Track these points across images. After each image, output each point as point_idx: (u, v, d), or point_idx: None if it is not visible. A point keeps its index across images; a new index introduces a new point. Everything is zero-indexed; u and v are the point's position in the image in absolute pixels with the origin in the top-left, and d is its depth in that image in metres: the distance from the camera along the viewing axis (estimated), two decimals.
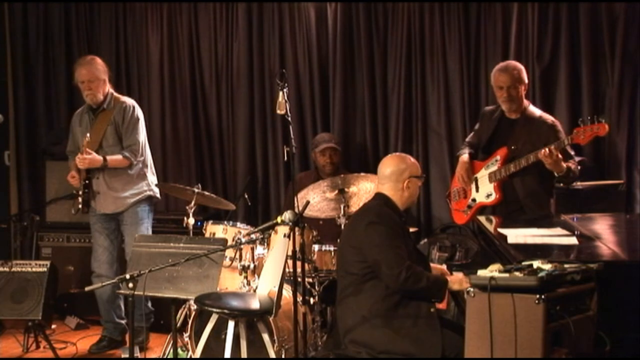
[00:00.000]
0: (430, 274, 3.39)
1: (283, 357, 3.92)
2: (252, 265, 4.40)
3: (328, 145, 5.30)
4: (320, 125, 5.78)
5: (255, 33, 5.91)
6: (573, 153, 4.32)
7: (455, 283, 3.33)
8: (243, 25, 5.92)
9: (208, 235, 4.58)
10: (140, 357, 4.65)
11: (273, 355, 3.86)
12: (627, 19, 4.97)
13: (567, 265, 2.76)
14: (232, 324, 3.83)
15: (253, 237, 4.15)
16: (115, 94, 4.97)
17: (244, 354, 3.85)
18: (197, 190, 4.60)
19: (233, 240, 4.37)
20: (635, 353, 2.86)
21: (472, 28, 5.40)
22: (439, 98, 5.48)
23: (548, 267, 2.72)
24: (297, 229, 3.52)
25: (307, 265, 4.06)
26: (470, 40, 5.40)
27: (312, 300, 4.26)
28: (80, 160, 4.73)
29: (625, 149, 5.01)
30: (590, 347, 2.76)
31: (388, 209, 3.44)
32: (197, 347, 3.99)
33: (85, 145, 4.70)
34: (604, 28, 5.04)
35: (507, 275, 2.69)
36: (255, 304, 3.89)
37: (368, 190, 4.29)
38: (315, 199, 4.37)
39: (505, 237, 3.61)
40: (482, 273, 2.76)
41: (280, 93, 3.69)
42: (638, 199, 4.98)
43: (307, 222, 4.26)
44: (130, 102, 4.97)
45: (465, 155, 4.59)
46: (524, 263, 2.80)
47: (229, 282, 4.47)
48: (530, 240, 3.50)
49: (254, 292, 4.14)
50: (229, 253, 4.39)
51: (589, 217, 4.26)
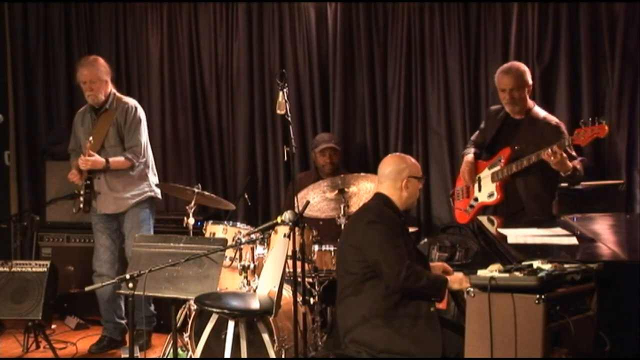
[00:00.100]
0: (430, 273, 3.39)
1: (283, 357, 3.92)
2: (252, 265, 4.40)
3: (328, 146, 5.30)
4: (320, 125, 5.78)
5: (255, 33, 5.91)
6: (574, 153, 4.31)
7: (455, 282, 3.34)
8: (243, 25, 5.92)
9: (208, 235, 4.58)
10: (140, 357, 4.66)
11: (273, 355, 3.86)
12: (627, 19, 4.97)
13: (567, 265, 2.76)
14: (232, 324, 3.82)
15: (253, 237, 4.15)
16: (118, 94, 4.97)
17: (244, 354, 3.85)
18: (197, 190, 4.60)
19: (233, 240, 4.37)
20: (635, 353, 2.86)
21: (472, 28, 5.40)
22: (439, 98, 5.48)
23: (548, 267, 2.72)
24: (297, 229, 3.53)
25: (307, 265, 4.06)
26: (470, 40, 5.40)
27: (312, 300, 4.26)
28: (83, 162, 4.73)
29: (625, 149, 5.01)
30: (590, 347, 2.76)
31: (388, 209, 3.44)
32: (197, 347, 3.99)
33: (88, 148, 4.70)
34: (604, 28, 5.04)
35: (507, 275, 2.69)
36: (255, 304, 3.89)
37: (368, 190, 4.28)
38: (315, 199, 4.37)
39: (505, 237, 3.62)
40: (482, 273, 2.76)
41: (280, 93, 3.69)
42: (638, 199, 4.97)
43: (307, 222, 4.26)
44: (133, 102, 4.97)
45: (470, 155, 4.59)
46: (524, 263, 2.80)
47: (229, 282, 4.47)
48: (530, 240, 3.51)
49: (254, 292, 4.14)
50: (229, 253, 4.39)
51: (589, 217, 4.26)
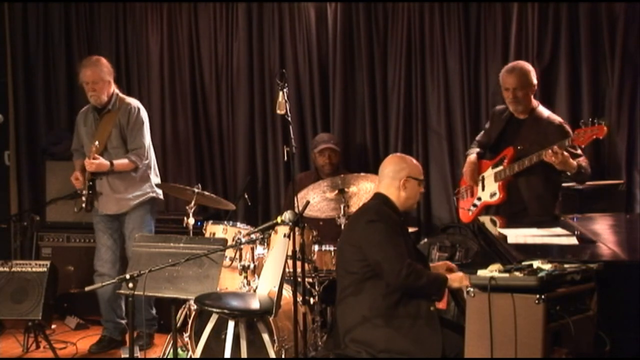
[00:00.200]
0: (431, 272, 3.40)
1: (283, 357, 3.92)
2: (252, 265, 4.40)
3: (326, 146, 5.30)
4: (320, 125, 5.78)
5: (255, 33, 5.90)
6: (579, 151, 4.29)
7: (455, 281, 3.34)
8: (243, 25, 5.92)
9: (208, 235, 4.58)
10: (140, 357, 4.66)
11: (273, 355, 3.86)
12: (627, 19, 4.97)
13: (567, 265, 2.76)
14: (232, 324, 3.82)
15: (253, 237, 4.15)
16: (121, 95, 4.97)
17: (244, 354, 3.85)
18: (197, 190, 4.60)
19: (233, 240, 4.37)
20: (635, 353, 2.86)
21: (472, 28, 5.40)
22: (439, 98, 5.48)
23: (548, 267, 2.72)
24: (297, 229, 3.52)
25: (307, 265, 4.06)
26: (470, 40, 5.40)
27: (312, 300, 4.26)
28: (88, 165, 4.74)
29: (625, 149, 5.01)
30: (590, 347, 2.76)
31: (387, 208, 3.45)
32: (197, 347, 3.99)
33: (94, 152, 4.70)
34: (604, 28, 5.04)
35: (507, 275, 2.69)
36: (255, 304, 3.89)
37: (368, 190, 4.28)
38: (315, 199, 4.37)
39: (505, 237, 3.62)
40: (482, 273, 2.76)
41: (280, 93, 3.69)
42: (638, 199, 4.97)
43: (307, 222, 4.26)
44: (135, 104, 4.96)
45: (473, 155, 4.59)
46: (524, 263, 2.80)
47: (229, 282, 4.47)
48: (530, 240, 3.51)
49: (254, 292, 4.14)
50: (229, 253, 4.39)
51: (589, 217, 4.26)
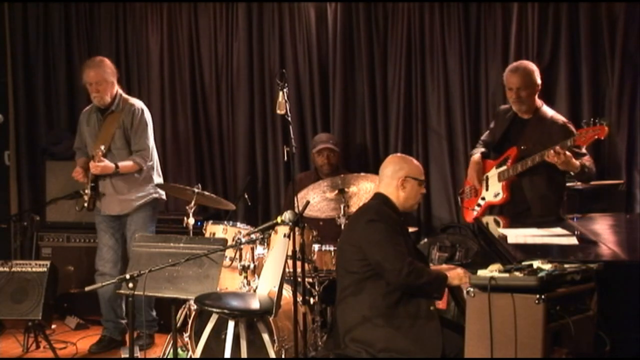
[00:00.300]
0: (431, 270, 3.41)
1: (283, 357, 3.92)
2: (252, 265, 4.40)
3: (325, 146, 5.29)
4: (320, 125, 5.78)
5: (255, 33, 5.90)
6: (584, 150, 4.27)
7: (455, 278, 3.35)
8: (243, 25, 5.92)
9: (208, 235, 4.58)
10: (140, 357, 4.66)
11: (273, 355, 3.86)
12: (627, 19, 4.97)
13: (567, 265, 2.76)
14: (232, 324, 3.82)
15: (253, 237, 4.14)
16: (124, 95, 4.97)
17: (244, 354, 3.85)
18: (197, 190, 4.60)
19: (233, 240, 4.37)
20: (635, 353, 2.86)
21: (472, 28, 5.40)
22: (439, 98, 5.48)
23: (548, 267, 2.72)
24: (297, 229, 3.52)
25: (307, 265, 4.06)
26: (470, 40, 5.40)
27: (312, 300, 4.26)
28: (93, 168, 4.74)
29: (625, 149, 5.01)
30: (590, 347, 2.76)
31: (387, 208, 3.46)
32: (197, 347, 3.99)
33: (99, 155, 4.70)
34: (604, 28, 5.04)
35: (507, 275, 2.69)
36: (255, 304, 3.89)
37: (368, 190, 4.29)
38: (315, 199, 4.37)
39: (505, 237, 3.62)
40: (482, 273, 2.76)
41: (280, 93, 3.69)
42: (638, 199, 4.97)
43: (307, 222, 4.26)
44: (139, 105, 4.96)
45: (477, 155, 4.59)
46: (524, 263, 2.80)
47: (229, 282, 4.47)
48: (530, 240, 3.50)
49: (254, 292, 4.14)
50: (229, 253, 4.39)
51: (589, 217, 4.26)
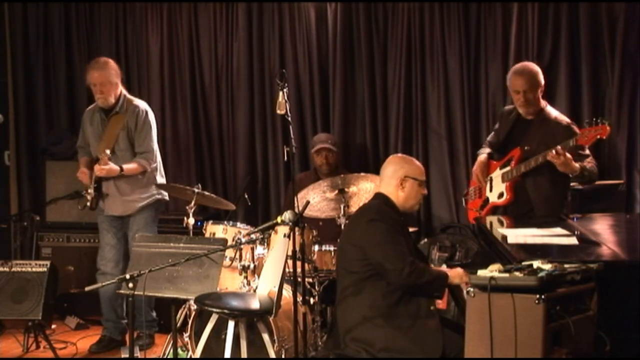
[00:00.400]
0: (432, 269, 3.43)
1: (283, 357, 3.92)
2: (252, 265, 4.40)
3: (323, 146, 5.29)
4: (320, 125, 5.78)
5: (255, 33, 5.90)
6: (587, 152, 4.26)
7: (456, 277, 3.36)
8: (243, 25, 5.92)
9: (208, 235, 4.58)
10: (140, 357, 4.66)
11: (273, 355, 3.86)
12: (627, 19, 4.97)
13: (567, 265, 2.76)
14: (232, 324, 3.82)
15: (253, 237, 4.15)
16: (128, 96, 4.96)
17: (244, 354, 3.85)
18: (197, 190, 4.60)
19: (233, 240, 4.37)
20: (635, 353, 2.86)
21: (472, 28, 5.40)
22: (439, 98, 5.48)
23: (548, 267, 2.72)
24: (297, 229, 3.52)
25: (307, 265, 4.06)
26: (470, 40, 5.40)
27: (312, 300, 4.26)
28: (99, 171, 4.74)
29: (625, 149, 5.01)
30: (590, 347, 2.76)
31: (387, 208, 3.47)
32: (197, 347, 3.99)
33: (104, 159, 4.68)
34: (604, 28, 5.04)
35: (507, 275, 2.69)
36: (255, 304, 3.89)
37: (368, 190, 4.29)
38: (315, 199, 4.37)
39: (506, 237, 3.62)
40: (482, 273, 2.76)
41: (280, 93, 3.69)
42: (638, 199, 4.97)
43: (307, 222, 4.26)
44: (143, 106, 4.95)
45: (483, 155, 4.58)
46: (524, 263, 2.80)
47: (229, 282, 4.47)
48: (531, 240, 3.51)
49: (254, 292, 4.14)
50: (229, 253, 4.39)
51: (589, 217, 4.26)
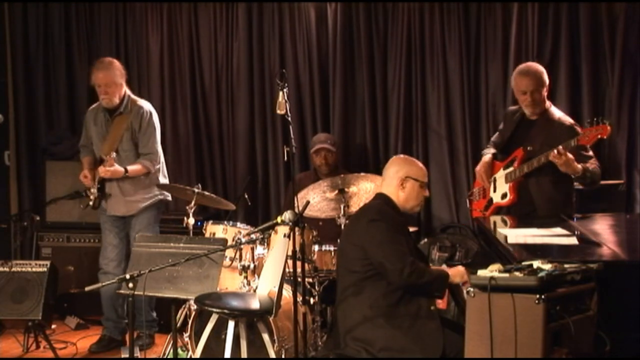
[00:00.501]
0: (432, 269, 3.43)
1: (283, 357, 3.92)
2: (252, 265, 4.40)
3: (322, 146, 5.28)
4: (320, 125, 5.78)
5: (255, 33, 5.90)
6: (590, 153, 4.25)
7: (457, 276, 3.37)
8: (243, 25, 5.92)
9: (208, 235, 4.58)
10: (140, 357, 4.65)
11: (273, 355, 3.86)
12: (627, 19, 4.97)
13: (567, 265, 2.76)
14: (232, 324, 3.82)
15: (253, 237, 4.15)
16: (133, 97, 4.96)
17: (244, 354, 3.85)
18: (197, 190, 4.60)
19: (233, 240, 4.37)
20: (635, 353, 2.86)
21: (472, 28, 5.40)
22: (439, 98, 5.48)
23: (548, 267, 2.72)
24: (297, 229, 3.53)
25: (307, 265, 4.06)
26: (470, 40, 5.40)
27: (312, 300, 4.26)
28: (103, 172, 4.74)
29: (625, 149, 5.01)
30: (590, 347, 2.76)
31: (389, 208, 3.47)
32: (197, 347, 3.99)
33: (110, 161, 4.68)
34: (604, 28, 5.04)
35: (507, 275, 2.69)
36: (255, 304, 3.89)
37: (368, 190, 4.29)
38: (315, 199, 4.36)
39: (505, 237, 3.62)
40: (482, 273, 2.76)
41: (280, 93, 3.69)
42: (638, 199, 4.97)
43: (307, 222, 4.26)
44: (148, 108, 4.95)
45: (488, 156, 4.58)
46: (524, 263, 2.80)
47: (229, 282, 4.47)
48: (531, 240, 3.51)
49: (254, 292, 4.14)
50: (229, 253, 4.39)
51: (589, 217, 4.26)
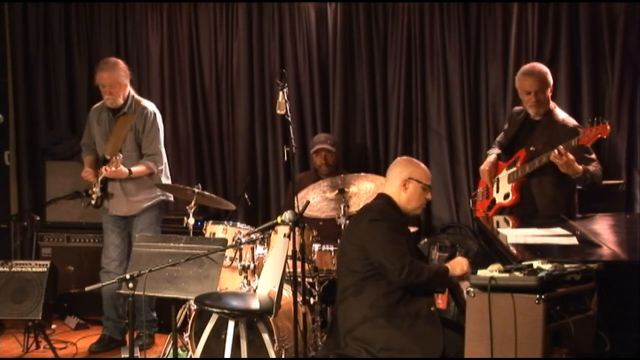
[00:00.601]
0: (431, 266, 3.44)
1: (283, 357, 3.92)
2: (252, 265, 4.40)
3: (321, 147, 5.28)
4: (320, 125, 5.78)
5: (255, 33, 5.90)
6: (593, 156, 4.25)
7: (457, 268, 3.37)
8: (243, 25, 5.92)
9: (208, 235, 4.58)
10: (140, 357, 4.65)
11: (273, 355, 3.86)
12: (627, 19, 4.97)
13: (567, 265, 2.76)
14: (232, 324, 3.82)
15: (253, 237, 4.15)
16: (137, 97, 4.96)
17: (244, 354, 3.85)
18: (197, 190, 4.60)
19: (233, 240, 4.37)
20: (635, 353, 2.86)
21: (472, 28, 5.40)
22: (439, 98, 5.48)
23: (548, 267, 2.72)
24: (297, 229, 3.53)
25: (307, 265, 4.06)
26: (470, 40, 5.40)
27: (312, 300, 4.27)
28: (109, 173, 4.74)
29: (625, 149, 5.00)
30: (590, 347, 2.76)
31: (390, 208, 3.48)
32: (197, 347, 3.99)
33: (117, 161, 4.67)
34: (604, 28, 5.04)
35: (507, 275, 2.69)
36: (255, 304, 3.89)
37: (368, 190, 4.29)
38: (315, 199, 4.36)
39: (505, 237, 3.62)
40: (482, 273, 2.76)
41: (280, 93, 3.69)
42: (638, 199, 4.97)
43: (307, 222, 4.26)
44: (151, 108, 4.95)
45: (493, 156, 4.58)
46: (524, 263, 2.80)
47: (229, 282, 4.47)
48: (531, 240, 3.51)
49: (254, 292, 4.14)
50: (229, 253, 4.39)
51: (589, 217, 4.26)
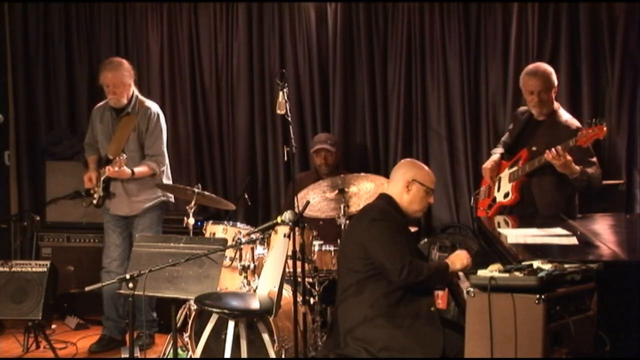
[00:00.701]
0: (430, 264, 3.44)
1: (283, 357, 3.92)
2: (252, 265, 4.40)
3: (321, 147, 5.28)
4: (320, 125, 5.77)
5: (255, 33, 5.90)
6: (594, 159, 4.25)
7: (457, 263, 3.37)
8: (243, 25, 5.91)
9: (208, 235, 4.58)
10: (140, 357, 4.66)
11: (273, 355, 3.86)
12: (627, 19, 4.97)
13: (567, 265, 2.76)
14: (232, 324, 3.83)
15: (253, 237, 4.15)
16: (140, 97, 4.95)
17: (244, 354, 3.85)
18: (197, 190, 4.60)
19: (233, 240, 4.37)
20: (635, 353, 2.86)
21: (472, 28, 5.39)
22: (439, 98, 5.48)
23: (548, 267, 2.72)
24: (297, 229, 3.53)
25: (307, 265, 4.06)
26: (470, 40, 5.39)
27: (312, 300, 4.27)
28: (112, 173, 4.74)
29: (625, 149, 5.00)
30: (590, 347, 2.76)
31: (391, 208, 3.48)
32: (197, 347, 3.99)
33: (120, 162, 4.66)
34: (604, 28, 5.03)
35: (507, 275, 2.69)
36: (255, 304, 3.89)
37: (368, 190, 4.29)
38: (315, 199, 4.37)
39: (505, 237, 3.62)
40: (482, 273, 2.76)
41: (280, 93, 3.69)
42: (638, 199, 4.97)
43: (307, 222, 4.26)
44: (155, 109, 4.94)
45: (496, 155, 4.59)
46: (524, 263, 2.80)
47: (229, 282, 4.47)
48: (530, 240, 3.51)
49: (254, 292, 4.14)
50: (229, 253, 4.39)
51: (589, 217, 4.26)
